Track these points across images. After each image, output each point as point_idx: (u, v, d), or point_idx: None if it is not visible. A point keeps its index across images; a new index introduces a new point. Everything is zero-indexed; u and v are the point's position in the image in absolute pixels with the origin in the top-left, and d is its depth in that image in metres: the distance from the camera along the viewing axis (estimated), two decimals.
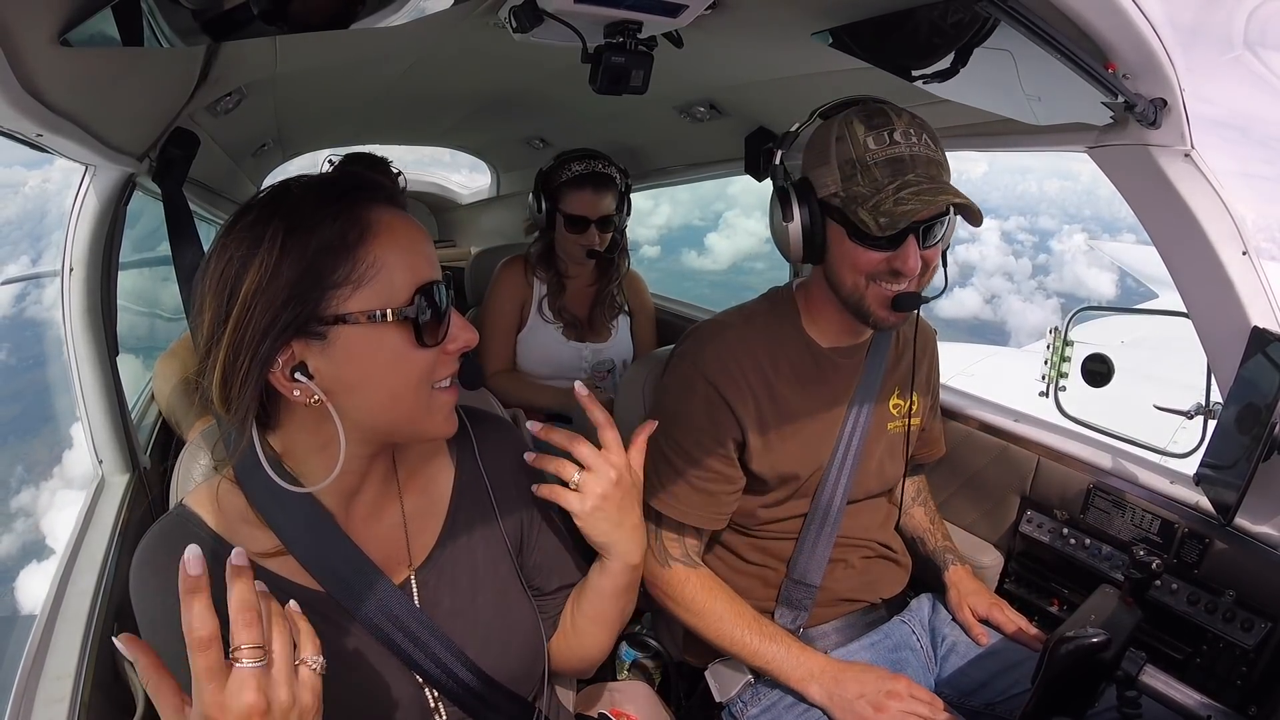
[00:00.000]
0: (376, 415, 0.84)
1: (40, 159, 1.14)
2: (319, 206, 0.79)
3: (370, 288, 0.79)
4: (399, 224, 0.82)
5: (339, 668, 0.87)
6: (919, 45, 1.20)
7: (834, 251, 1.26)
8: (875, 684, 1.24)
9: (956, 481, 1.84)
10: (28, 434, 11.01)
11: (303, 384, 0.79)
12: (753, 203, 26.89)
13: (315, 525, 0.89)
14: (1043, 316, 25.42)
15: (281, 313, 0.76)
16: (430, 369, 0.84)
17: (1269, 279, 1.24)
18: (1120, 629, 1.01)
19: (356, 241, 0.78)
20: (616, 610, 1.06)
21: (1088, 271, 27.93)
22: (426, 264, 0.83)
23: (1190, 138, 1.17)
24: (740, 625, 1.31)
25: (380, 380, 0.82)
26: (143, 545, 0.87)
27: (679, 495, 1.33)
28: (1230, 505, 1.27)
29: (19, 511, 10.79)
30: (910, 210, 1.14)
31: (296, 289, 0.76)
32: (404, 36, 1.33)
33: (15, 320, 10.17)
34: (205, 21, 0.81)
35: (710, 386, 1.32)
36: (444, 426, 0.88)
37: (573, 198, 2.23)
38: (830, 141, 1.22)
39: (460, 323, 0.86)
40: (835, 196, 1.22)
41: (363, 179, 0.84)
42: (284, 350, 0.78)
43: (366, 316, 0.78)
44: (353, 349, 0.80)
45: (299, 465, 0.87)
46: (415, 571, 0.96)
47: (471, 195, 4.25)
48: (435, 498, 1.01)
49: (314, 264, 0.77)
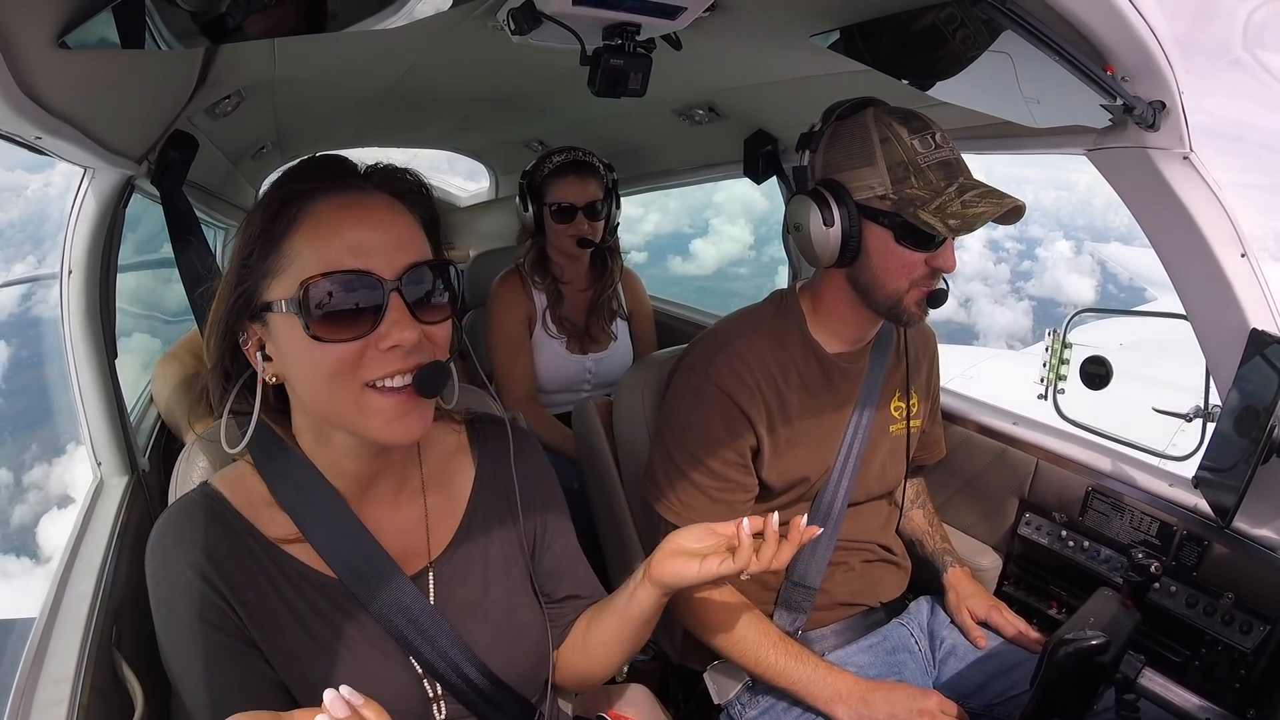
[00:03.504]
0: (311, 405, 0.86)
1: (42, 163, 1.14)
2: (268, 201, 0.83)
3: (284, 278, 0.81)
4: (334, 215, 0.81)
5: (346, 656, 0.88)
6: (918, 47, 1.20)
7: (875, 254, 1.24)
8: (906, 702, 1.21)
9: (955, 484, 1.84)
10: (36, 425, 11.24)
11: (260, 363, 0.85)
12: (737, 210, 27.08)
13: (333, 513, 0.90)
14: (1012, 318, 26.00)
15: (232, 296, 0.83)
16: (348, 365, 0.79)
17: (1268, 281, 1.24)
18: (1119, 631, 1.01)
19: (281, 234, 0.81)
20: (637, 636, 1.05)
21: (1067, 277, 28.25)
22: (346, 254, 0.79)
23: (1189, 140, 1.17)
24: (765, 645, 1.28)
25: (298, 370, 0.83)
26: (163, 518, 0.89)
27: (697, 509, 1.32)
28: (1229, 508, 1.27)
29: (31, 486, 11.01)
30: (983, 213, 1.15)
31: (240, 274, 0.83)
32: (402, 39, 1.33)
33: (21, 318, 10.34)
34: (203, 24, 0.82)
35: (724, 396, 1.31)
36: (383, 431, 0.82)
37: (557, 186, 2.21)
38: (874, 143, 1.20)
39: (399, 322, 0.80)
40: (883, 199, 1.21)
41: (306, 168, 0.86)
42: (249, 329, 0.84)
43: (278, 305, 0.81)
44: (280, 336, 0.83)
45: (311, 453, 0.91)
46: (431, 565, 0.96)
47: (470, 198, 4.25)
48: (454, 495, 1.02)
49: (250, 253, 0.82)
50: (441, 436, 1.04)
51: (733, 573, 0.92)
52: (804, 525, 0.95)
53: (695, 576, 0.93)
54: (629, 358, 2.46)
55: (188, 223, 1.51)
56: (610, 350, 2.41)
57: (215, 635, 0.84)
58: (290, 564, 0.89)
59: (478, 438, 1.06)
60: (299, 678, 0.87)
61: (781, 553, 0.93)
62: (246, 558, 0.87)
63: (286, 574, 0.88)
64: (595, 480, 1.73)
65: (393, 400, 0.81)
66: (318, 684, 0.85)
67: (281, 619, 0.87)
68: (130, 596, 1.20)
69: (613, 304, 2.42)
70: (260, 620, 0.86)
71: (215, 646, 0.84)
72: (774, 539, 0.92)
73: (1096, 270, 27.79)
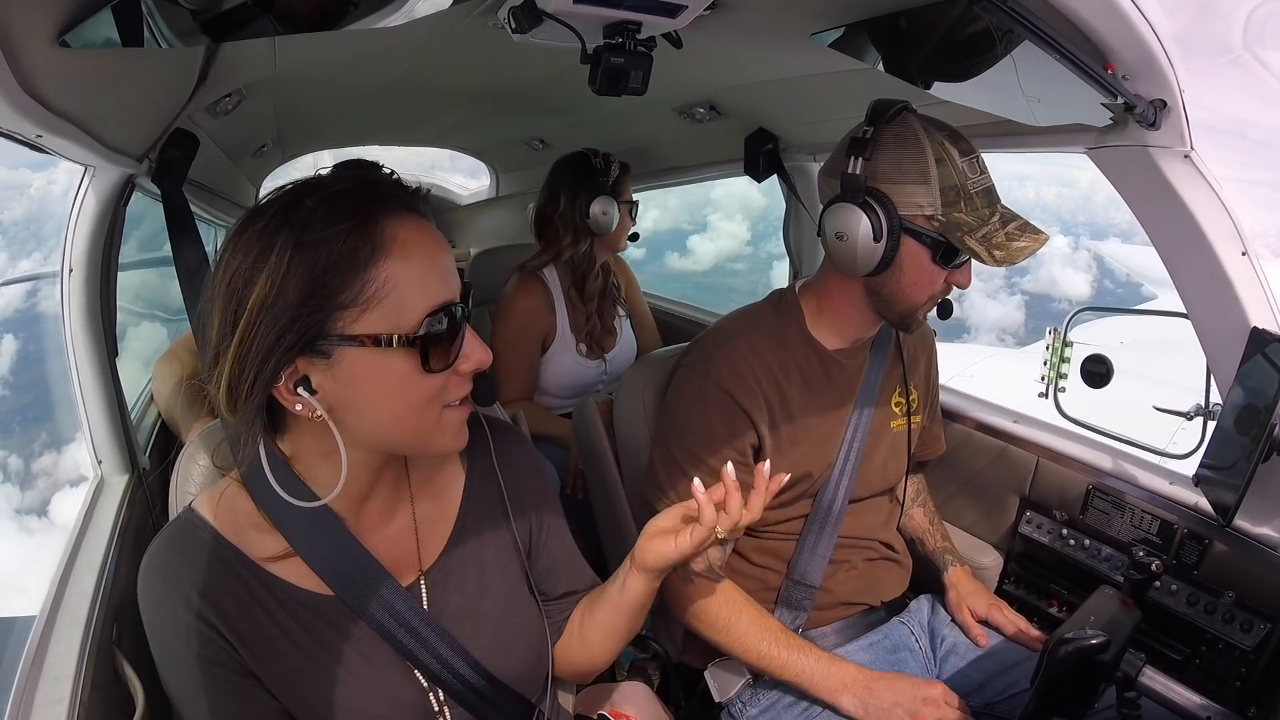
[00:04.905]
0: (380, 435, 0.84)
1: (45, 161, 1.13)
2: (331, 220, 0.75)
3: (379, 310, 0.75)
4: (415, 239, 0.78)
5: (343, 673, 0.88)
6: (919, 46, 1.20)
7: (907, 269, 1.25)
8: (910, 691, 1.22)
9: (956, 482, 1.84)
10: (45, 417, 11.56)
11: (304, 399, 0.77)
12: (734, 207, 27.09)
13: (324, 529, 0.89)
14: (1003, 313, 26.01)
15: (287, 331, 0.74)
16: (440, 391, 0.81)
17: (1268, 279, 1.24)
18: (1119, 630, 1.01)
19: (367, 260, 0.75)
20: (631, 625, 1.06)
21: (1063, 273, 28.25)
22: (441, 283, 0.79)
23: (1190, 139, 1.17)
24: (767, 639, 1.29)
25: (385, 403, 0.80)
26: (151, 551, 0.87)
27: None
28: (1230, 506, 1.27)
29: (40, 473, 11.26)
30: (1025, 248, 1.19)
31: (303, 308, 0.74)
32: (403, 37, 1.33)
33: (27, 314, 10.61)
34: (204, 22, 0.81)
35: (725, 395, 1.31)
36: (452, 443, 0.86)
37: (627, 185, 2.27)
38: (929, 162, 1.20)
39: (474, 343, 0.83)
40: (930, 219, 1.22)
41: (379, 189, 0.80)
42: (288, 366, 0.77)
43: (373, 340, 0.75)
44: (357, 371, 0.77)
45: (307, 470, 0.87)
46: (424, 574, 0.96)
47: (471, 196, 4.25)
48: (446, 502, 1.01)
49: (322, 281, 0.74)
50: None
51: (705, 535, 0.92)
52: (766, 473, 0.94)
53: (674, 552, 0.94)
54: (633, 348, 2.48)
55: (187, 222, 1.51)
56: (619, 346, 2.42)
57: (212, 670, 0.83)
58: (280, 587, 0.87)
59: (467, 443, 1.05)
60: (299, 700, 0.87)
61: (751, 503, 0.93)
62: (237, 586, 0.85)
63: (278, 598, 0.87)
64: (595, 479, 1.73)
65: (460, 414, 0.85)
66: (318, 704, 0.86)
67: (277, 644, 0.86)
68: (131, 595, 1.19)
69: (615, 291, 2.45)
70: (255, 649, 0.85)
71: (213, 681, 0.84)
72: (735, 490, 0.92)
73: (1092, 266, 27.82)
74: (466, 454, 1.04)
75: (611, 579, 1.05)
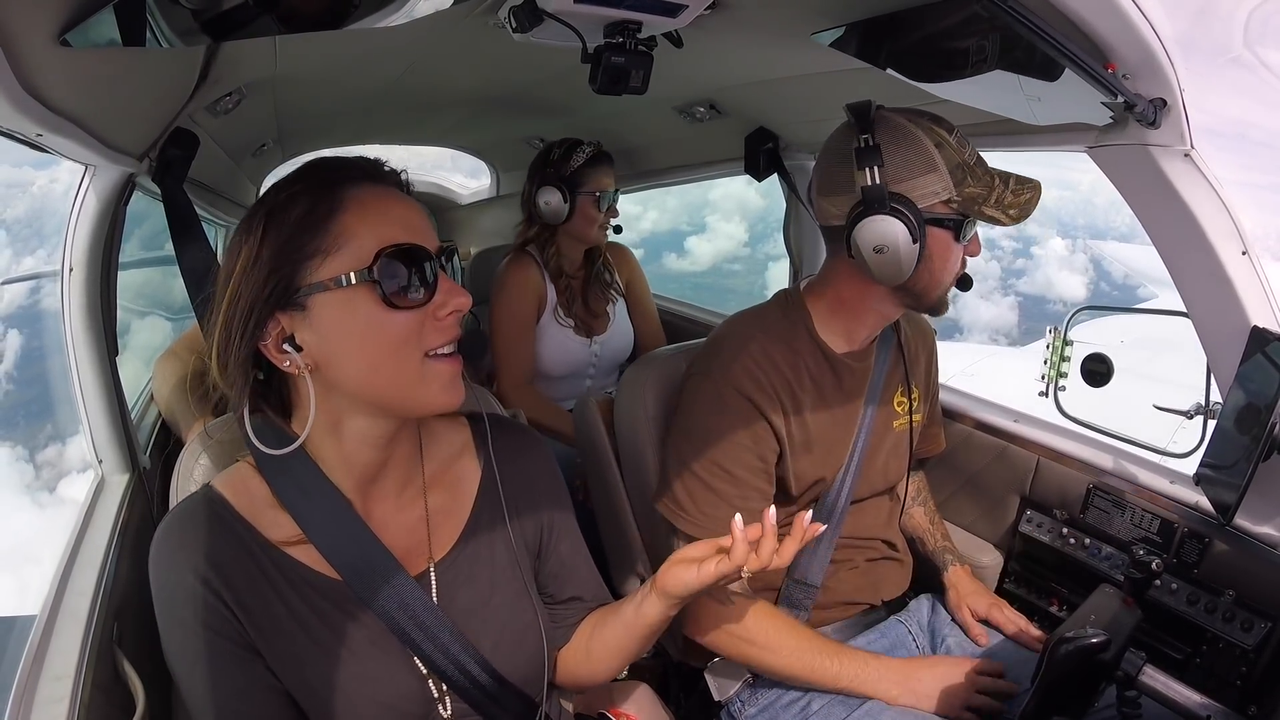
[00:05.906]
0: (363, 385, 0.86)
1: (48, 160, 1.14)
2: (296, 191, 0.84)
3: (339, 256, 0.82)
4: (371, 197, 0.85)
5: (347, 658, 0.88)
6: (919, 45, 1.20)
7: (935, 256, 1.24)
8: (952, 668, 1.29)
9: (956, 481, 1.84)
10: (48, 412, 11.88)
11: (291, 355, 0.83)
12: (732, 207, 27.13)
13: (336, 515, 0.90)
14: (996, 313, 26.12)
15: (264, 286, 0.82)
16: (413, 334, 0.84)
17: (1269, 278, 1.24)
18: (1120, 629, 1.01)
19: (326, 215, 0.82)
20: (641, 647, 1.06)
21: (1059, 275, 28.33)
22: (401, 230, 0.84)
23: (1190, 138, 1.17)
24: (814, 651, 1.27)
25: (358, 346, 0.83)
26: (167, 521, 0.89)
27: (721, 519, 1.26)
28: (1230, 505, 1.27)
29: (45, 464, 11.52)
30: (1031, 199, 1.22)
31: (275, 263, 0.82)
32: (404, 37, 1.33)
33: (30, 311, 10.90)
34: (205, 21, 0.82)
35: (745, 400, 1.30)
36: (441, 397, 0.87)
37: (594, 176, 2.27)
38: (930, 149, 1.20)
39: (450, 287, 0.86)
40: (949, 203, 1.22)
41: (335, 161, 0.88)
42: (271, 323, 0.83)
43: (334, 282, 0.81)
44: (328, 316, 0.83)
45: (317, 449, 0.90)
46: (434, 565, 0.96)
47: (471, 195, 4.25)
48: (460, 496, 1.02)
49: (290, 239, 0.82)
50: (446, 436, 1.04)
51: (730, 570, 0.91)
52: (807, 522, 0.94)
53: (696, 580, 0.93)
54: (629, 337, 2.50)
55: (188, 221, 1.51)
56: (610, 331, 2.45)
57: (217, 640, 0.84)
58: (292, 567, 0.89)
59: (483, 438, 1.06)
60: (300, 681, 0.87)
61: (784, 549, 0.93)
62: (249, 562, 0.87)
63: (288, 578, 0.89)
64: (596, 478, 1.73)
65: (446, 366, 0.86)
66: (318, 687, 0.87)
67: (283, 623, 0.87)
68: (131, 594, 1.20)
69: (605, 276, 2.47)
70: (261, 625, 0.86)
71: (217, 652, 0.84)
72: (772, 534, 0.92)
73: (1090, 268, 27.86)
74: (482, 451, 1.05)
75: (627, 599, 1.05)
